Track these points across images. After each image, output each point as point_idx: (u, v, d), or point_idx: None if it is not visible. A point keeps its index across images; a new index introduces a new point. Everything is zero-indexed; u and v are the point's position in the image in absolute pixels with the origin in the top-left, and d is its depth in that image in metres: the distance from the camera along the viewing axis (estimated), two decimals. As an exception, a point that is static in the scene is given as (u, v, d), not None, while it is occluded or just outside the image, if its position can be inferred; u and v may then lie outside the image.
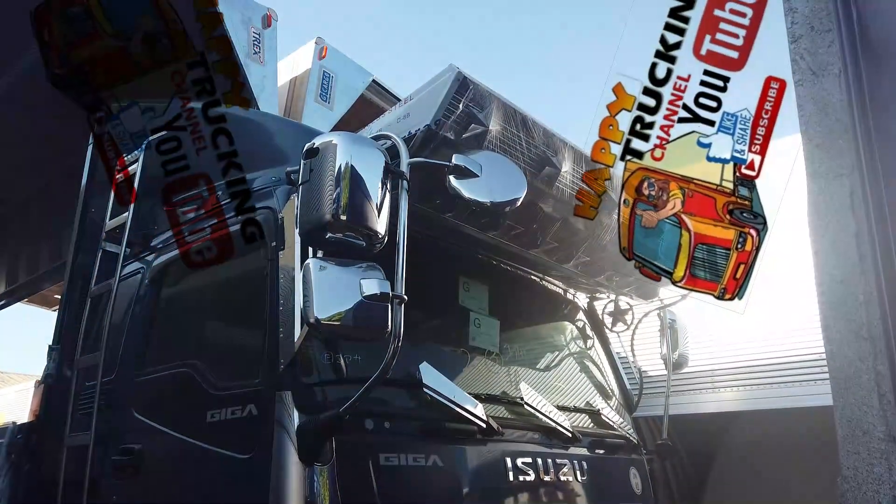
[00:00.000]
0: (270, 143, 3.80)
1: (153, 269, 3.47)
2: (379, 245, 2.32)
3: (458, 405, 2.72)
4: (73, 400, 3.51)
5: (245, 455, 2.49)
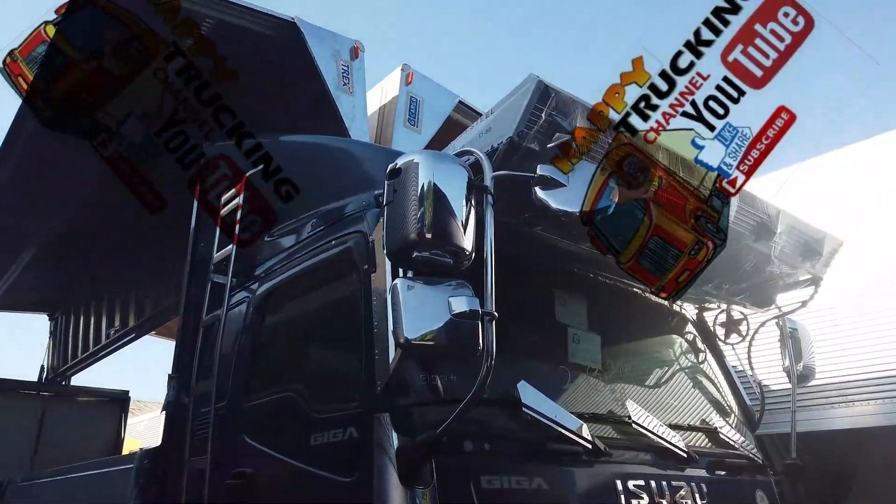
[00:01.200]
0: (361, 169, 3.89)
1: (256, 298, 3.61)
2: (466, 262, 2.28)
3: (560, 425, 2.61)
4: (191, 426, 3.70)
5: (347, 478, 2.50)
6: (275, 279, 3.53)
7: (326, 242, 3.20)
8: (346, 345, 2.84)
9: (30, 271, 10.35)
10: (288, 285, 3.42)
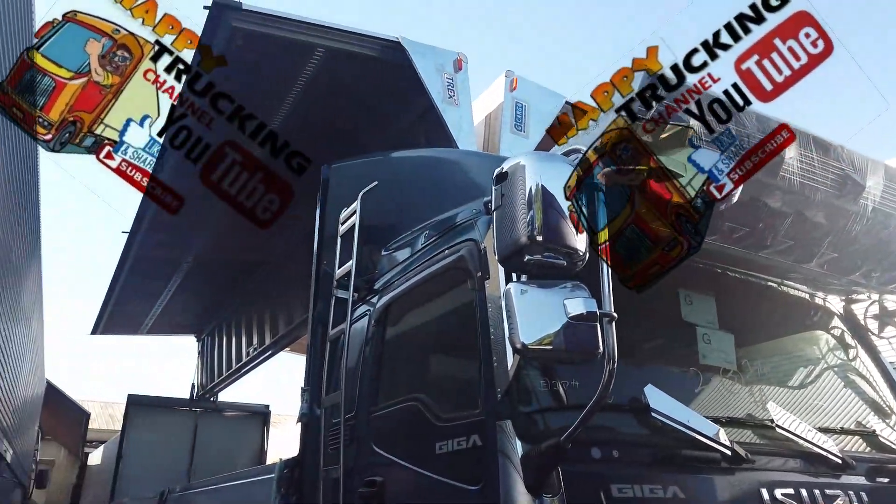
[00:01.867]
0: (470, 178, 3.92)
1: (377, 311, 3.71)
2: (581, 262, 2.22)
3: (694, 430, 2.46)
4: (324, 436, 3.86)
5: (474, 486, 2.49)
6: (393, 291, 3.62)
7: (440, 252, 3.23)
8: (464, 352, 2.85)
9: (178, 297, 11.34)
10: (405, 297, 3.49)
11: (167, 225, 8.72)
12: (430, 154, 4.72)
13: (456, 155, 4.71)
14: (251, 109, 6.65)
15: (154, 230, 8.72)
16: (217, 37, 5.10)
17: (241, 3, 4.91)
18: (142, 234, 8.67)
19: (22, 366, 7.22)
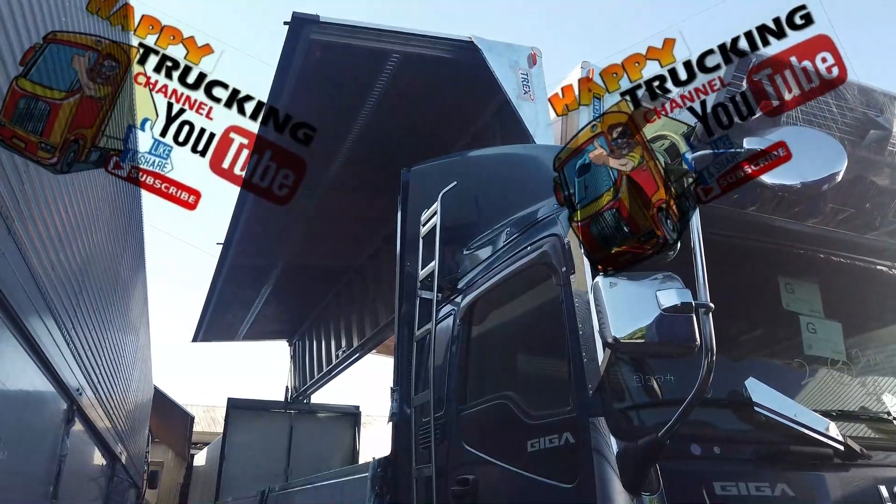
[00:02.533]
0: (549, 173, 3.86)
1: (461, 310, 3.73)
2: (672, 252, 2.14)
3: (802, 424, 2.32)
4: (414, 435, 3.91)
5: (569, 484, 2.45)
6: (477, 290, 3.62)
7: (522, 249, 3.21)
8: (552, 349, 2.81)
9: (269, 304, 11.82)
10: (490, 295, 3.48)
11: (257, 236, 9.12)
12: (509, 151, 4.70)
13: (535, 150, 4.67)
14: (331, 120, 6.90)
15: (245, 241, 9.14)
16: (297, 50, 5.29)
17: (318, 16, 5.06)
18: (234, 245, 9.09)
19: (133, 373, 7.73)
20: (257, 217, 8.58)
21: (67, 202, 2.84)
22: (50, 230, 2.60)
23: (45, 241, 2.53)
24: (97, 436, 4.99)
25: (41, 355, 2.71)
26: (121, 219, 4.98)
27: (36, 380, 2.74)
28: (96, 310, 4.16)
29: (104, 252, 4.25)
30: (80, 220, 3.24)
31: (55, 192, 2.63)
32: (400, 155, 5.08)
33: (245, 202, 8.14)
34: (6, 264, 2.01)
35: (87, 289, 3.74)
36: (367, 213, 8.44)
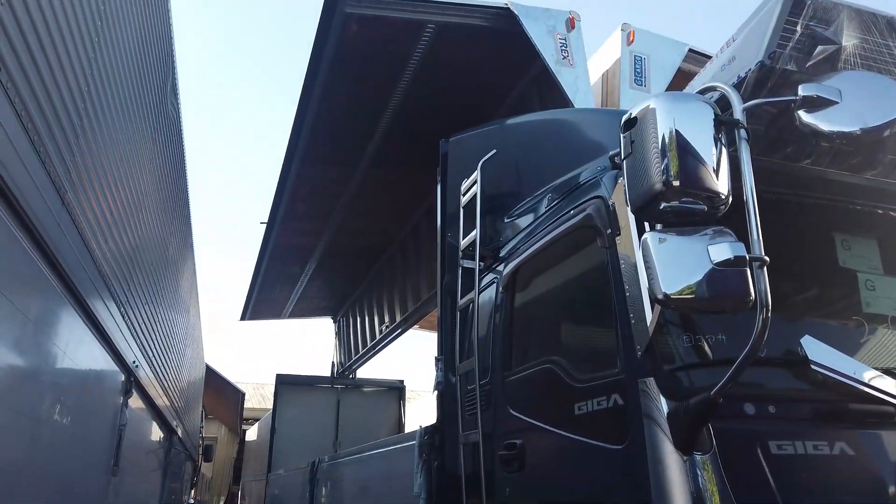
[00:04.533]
0: (591, 136, 3.79)
1: (504, 278, 3.71)
2: (723, 206, 2.07)
3: (861, 382, 2.25)
4: (460, 403, 3.93)
5: (618, 446, 2.43)
6: (519, 257, 3.59)
7: (565, 214, 3.16)
8: (599, 311, 2.77)
9: (313, 282, 12.02)
10: (533, 261, 3.45)
11: (299, 215, 9.24)
12: (548, 116, 4.62)
13: (574, 114, 4.58)
14: (368, 94, 6.89)
15: (288, 220, 9.27)
16: (332, 24, 5.28)
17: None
18: (277, 224, 9.24)
19: (185, 350, 7.97)
20: (299, 196, 8.69)
21: (117, 176, 2.91)
22: (102, 205, 2.67)
23: (97, 215, 2.60)
24: (154, 409, 5.17)
25: (100, 328, 2.81)
26: (169, 197, 5.10)
27: (95, 351, 2.84)
28: (148, 287, 4.28)
29: (154, 230, 4.36)
30: (130, 196, 3.32)
31: (105, 165, 2.70)
32: (438, 127, 5.05)
33: (286, 181, 8.25)
34: (62, 236, 2.08)
35: (140, 265, 3.85)
36: (407, 188, 8.46)
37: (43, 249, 1.98)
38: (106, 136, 2.64)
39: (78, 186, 2.23)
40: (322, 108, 6.55)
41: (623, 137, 2.27)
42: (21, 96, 1.70)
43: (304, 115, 6.65)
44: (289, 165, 7.87)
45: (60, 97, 2.01)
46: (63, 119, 2.00)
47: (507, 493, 3.24)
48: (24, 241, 1.88)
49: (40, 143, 1.84)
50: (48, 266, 2.09)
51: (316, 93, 6.25)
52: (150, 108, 3.69)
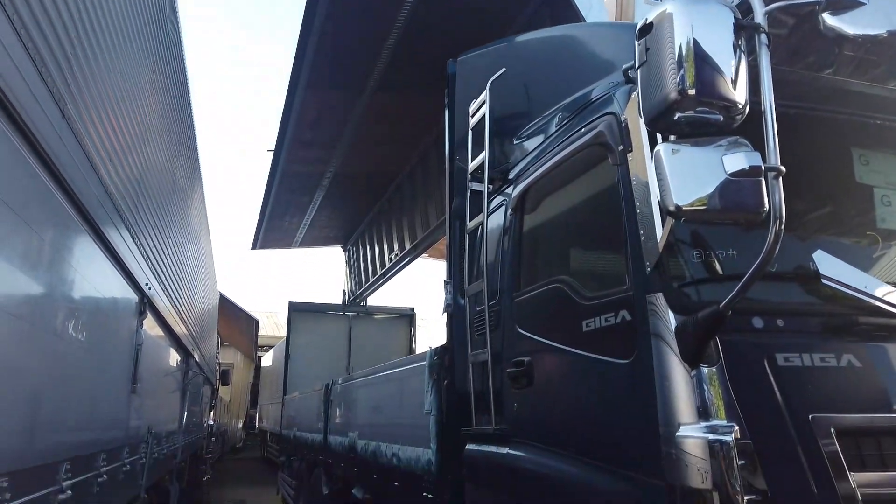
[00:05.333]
0: (602, 51, 3.67)
1: (513, 199, 3.68)
2: (740, 116, 2.00)
3: (871, 296, 2.24)
4: (469, 323, 3.99)
5: (625, 360, 2.46)
6: (528, 178, 3.54)
7: (576, 132, 3.09)
8: (609, 229, 2.75)
9: (322, 211, 12.04)
10: (542, 181, 3.41)
11: (306, 141, 9.15)
12: (559, 32, 4.46)
13: (586, 29, 4.42)
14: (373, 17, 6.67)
15: (295, 147, 9.19)
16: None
17: None
18: (285, 151, 9.16)
19: (197, 278, 8.07)
20: (305, 122, 8.58)
21: (118, 94, 2.86)
22: (104, 121, 2.63)
23: (100, 132, 2.57)
24: (170, 333, 5.28)
25: (110, 247, 2.82)
26: (172, 119, 5.03)
27: (106, 270, 2.87)
28: (157, 210, 4.28)
29: (158, 152, 4.33)
30: (132, 115, 3.27)
31: (105, 81, 2.64)
32: (446, 49, 4.89)
33: (292, 107, 8.12)
34: (62, 148, 2.05)
35: (147, 188, 3.84)
36: (414, 114, 8.32)
37: (45, 162, 1.97)
38: (104, 50, 2.57)
39: (78, 100, 2.18)
40: (326, 31, 6.37)
41: (638, 45, 2.18)
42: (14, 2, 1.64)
43: (308, 37, 6.47)
44: (294, 90, 7.73)
45: (55, 5, 1.95)
46: (58, 27, 1.94)
47: (514, 408, 3.32)
48: (26, 155, 1.86)
49: (35, 52, 1.79)
50: (52, 180, 2.08)
51: (320, 13, 6.06)
52: (148, 25, 3.58)
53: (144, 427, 4.16)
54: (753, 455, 2.07)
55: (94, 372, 2.74)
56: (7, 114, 1.73)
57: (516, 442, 3.25)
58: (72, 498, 2.35)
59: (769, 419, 2.13)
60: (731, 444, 2.06)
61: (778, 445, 2.10)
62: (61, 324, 2.20)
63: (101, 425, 2.94)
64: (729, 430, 2.09)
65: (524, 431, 3.21)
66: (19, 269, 1.85)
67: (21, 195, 1.83)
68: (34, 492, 1.99)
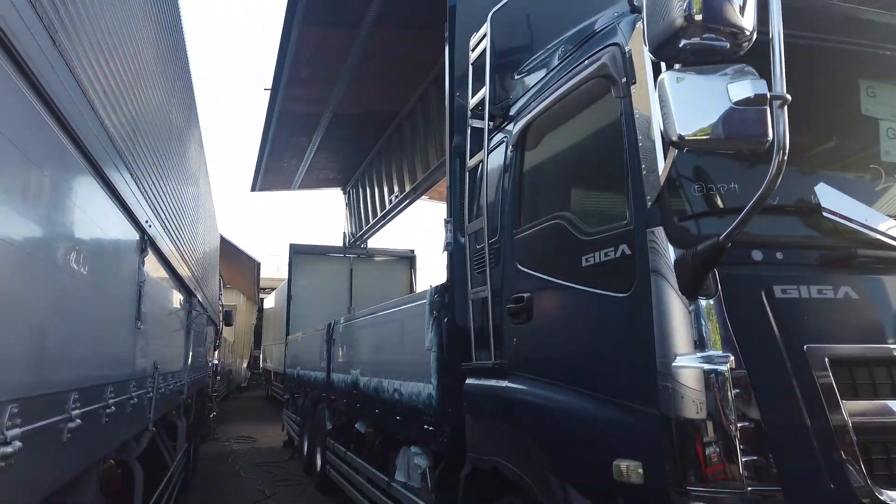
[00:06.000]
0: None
1: (514, 136, 3.63)
2: (747, 43, 1.95)
3: (871, 228, 2.24)
4: (469, 261, 4.01)
5: (624, 293, 2.48)
6: (530, 114, 3.49)
7: (579, 64, 3.02)
8: (610, 164, 2.73)
9: (322, 152, 11.91)
10: (544, 116, 3.36)
11: (303, 80, 8.96)
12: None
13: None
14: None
15: (292, 86, 9.01)
16: None
17: None
18: (282, 90, 9.00)
19: (197, 218, 8.06)
20: (302, 60, 8.39)
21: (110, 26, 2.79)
22: (97, 52, 2.57)
23: (93, 63, 2.51)
24: (172, 272, 5.31)
25: (107, 180, 2.79)
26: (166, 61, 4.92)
27: (105, 205, 2.86)
28: (155, 149, 4.24)
29: (154, 90, 4.25)
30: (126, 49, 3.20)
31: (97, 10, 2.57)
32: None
33: (288, 44, 7.92)
34: (54, 76, 2.01)
35: (144, 125, 3.78)
36: (413, 53, 8.12)
37: (39, 93, 1.93)
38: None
39: (69, 26, 2.13)
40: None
41: (644, -31, 2.10)
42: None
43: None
44: (289, 27, 7.53)
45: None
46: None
47: (513, 343, 3.38)
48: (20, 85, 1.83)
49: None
50: (46, 110, 2.05)
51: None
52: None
53: (150, 363, 4.24)
54: (748, 385, 2.12)
55: (98, 307, 2.76)
56: (3, 46, 1.69)
57: (515, 375, 3.32)
58: (81, 427, 2.42)
59: (765, 350, 2.16)
60: (726, 375, 2.10)
61: (772, 376, 2.15)
62: (63, 257, 2.21)
63: (107, 359, 2.99)
64: (724, 360, 2.13)
65: (523, 365, 3.27)
66: (21, 201, 1.84)
67: (15, 124, 1.80)
68: (44, 419, 2.04)
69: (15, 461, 1.75)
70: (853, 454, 2.08)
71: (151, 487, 4.92)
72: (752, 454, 2.06)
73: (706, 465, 2.10)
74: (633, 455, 2.33)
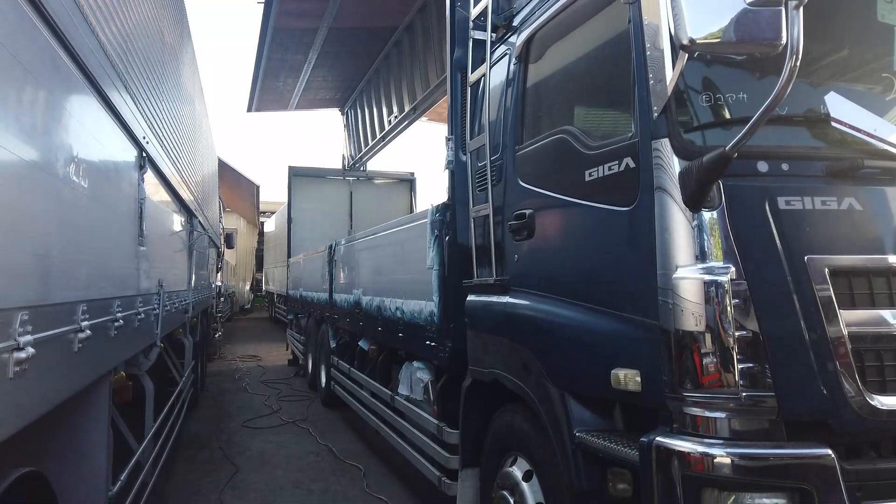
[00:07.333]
0: None
1: (517, 48, 3.53)
2: None
3: (880, 139, 2.20)
4: (471, 179, 3.98)
5: (627, 206, 2.47)
6: (534, 23, 3.38)
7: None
8: (617, 75, 2.66)
9: (318, 70, 11.59)
10: (548, 27, 3.25)
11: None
12: None
13: None
14: None
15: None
16: None
17: None
18: (276, 3, 8.67)
19: (196, 143, 7.95)
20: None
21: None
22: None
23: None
24: (172, 191, 5.28)
25: (101, 93, 2.73)
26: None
27: (101, 118, 2.81)
28: (148, 65, 4.12)
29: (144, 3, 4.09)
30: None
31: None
32: None
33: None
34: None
35: (135, 40, 3.66)
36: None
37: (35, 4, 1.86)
38: None
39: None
40: None
41: None
42: None
43: None
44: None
45: None
46: None
47: (515, 259, 3.40)
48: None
49: None
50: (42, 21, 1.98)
51: None
52: None
53: (155, 281, 4.28)
54: (748, 296, 2.14)
55: (100, 221, 2.76)
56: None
57: (516, 291, 3.36)
58: (91, 338, 2.47)
59: (766, 261, 2.17)
60: (726, 285, 2.13)
61: (772, 286, 2.17)
62: (63, 169, 2.19)
63: (113, 274, 3.01)
64: (725, 271, 2.14)
65: (524, 281, 3.30)
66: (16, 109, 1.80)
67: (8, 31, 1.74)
68: (55, 328, 2.08)
69: (29, 367, 1.80)
70: (847, 363, 2.13)
71: (162, 401, 5.09)
72: (748, 363, 2.11)
73: (703, 374, 2.16)
74: (632, 364, 2.39)
